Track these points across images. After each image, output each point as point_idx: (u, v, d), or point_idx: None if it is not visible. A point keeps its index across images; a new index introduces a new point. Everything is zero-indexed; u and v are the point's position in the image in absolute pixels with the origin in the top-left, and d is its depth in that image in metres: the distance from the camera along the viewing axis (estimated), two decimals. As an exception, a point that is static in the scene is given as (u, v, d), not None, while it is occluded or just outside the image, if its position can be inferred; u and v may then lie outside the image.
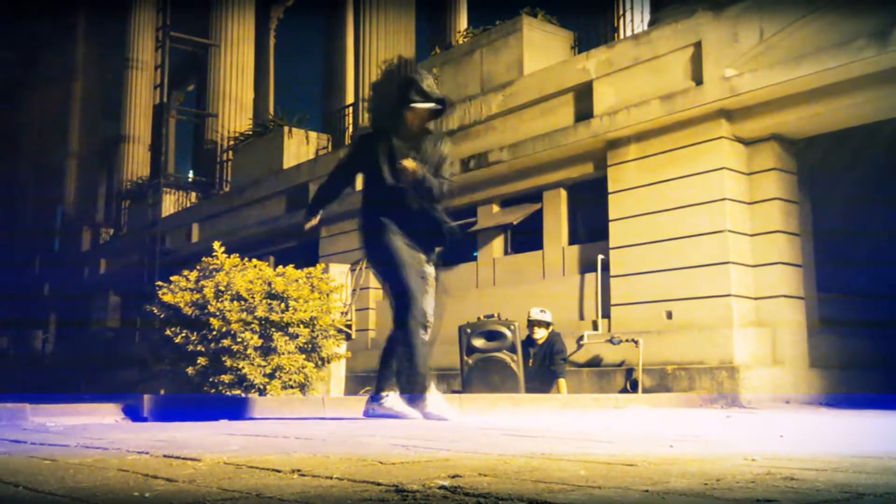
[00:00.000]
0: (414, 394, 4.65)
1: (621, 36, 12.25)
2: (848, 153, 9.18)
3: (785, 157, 8.74)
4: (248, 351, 6.37)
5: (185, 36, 20.53)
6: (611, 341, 8.94)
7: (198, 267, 6.94)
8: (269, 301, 6.58)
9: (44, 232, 28.94)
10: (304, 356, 6.74)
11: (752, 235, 8.58)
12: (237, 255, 7.02)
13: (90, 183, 27.60)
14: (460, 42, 12.77)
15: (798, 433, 3.86)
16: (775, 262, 8.46)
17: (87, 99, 27.53)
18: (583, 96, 9.96)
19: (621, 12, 12.85)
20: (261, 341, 6.42)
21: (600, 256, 9.55)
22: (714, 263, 8.43)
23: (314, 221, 5.10)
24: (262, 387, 6.39)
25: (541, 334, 8.64)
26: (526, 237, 10.99)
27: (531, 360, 8.49)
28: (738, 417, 5.62)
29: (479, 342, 8.34)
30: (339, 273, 9.74)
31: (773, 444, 3.10)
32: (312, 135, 16.60)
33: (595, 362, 9.33)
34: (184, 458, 2.31)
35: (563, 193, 10.53)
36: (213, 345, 6.37)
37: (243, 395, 6.21)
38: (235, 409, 5.47)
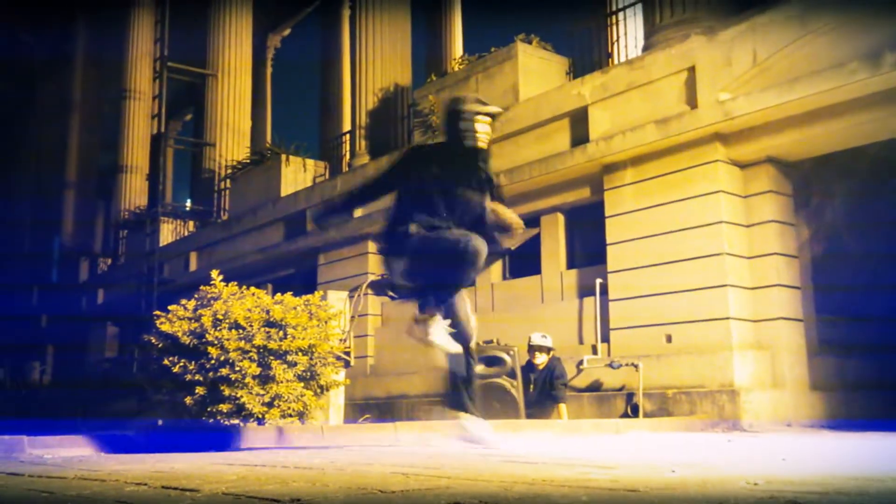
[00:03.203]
0: None
1: (615, 61, 12.34)
2: (844, 175, 9.22)
3: (781, 179, 8.77)
4: (247, 380, 6.34)
5: (183, 66, 20.65)
6: (610, 365, 8.91)
7: (196, 295, 6.92)
8: (267, 329, 6.56)
9: (41, 261, 28.91)
10: (302, 384, 6.71)
11: (749, 258, 8.59)
12: (235, 283, 7.00)
13: (88, 213, 27.64)
14: (456, 69, 12.85)
15: (800, 456, 3.83)
16: (773, 284, 8.46)
17: (84, 129, 27.64)
18: (578, 121, 10.01)
19: (615, 38, 12.95)
20: (259, 370, 6.39)
21: (598, 280, 9.55)
22: (712, 286, 8.43)
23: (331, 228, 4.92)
24: (260, 415, 6.35)
25: (541, 359, 8.62)
26: (524, 262, 10.98)
27: (532, 386, 8.46)
28: (740, 441, 5.59)
29: (478, 368, 8.29)
30: (337, 300, 9.71)
31: (776, 467, 3.08)
32: (310, 162, 16.65)
33: (595, 387, 9.29)
34: (182, 489, 2.29)
35: (561, 218, 10.55)
36: (211, 374, 6.34)
37: (242, 424, 6.17)
38: (234, 439, 5.44)
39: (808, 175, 8.97)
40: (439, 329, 4.37)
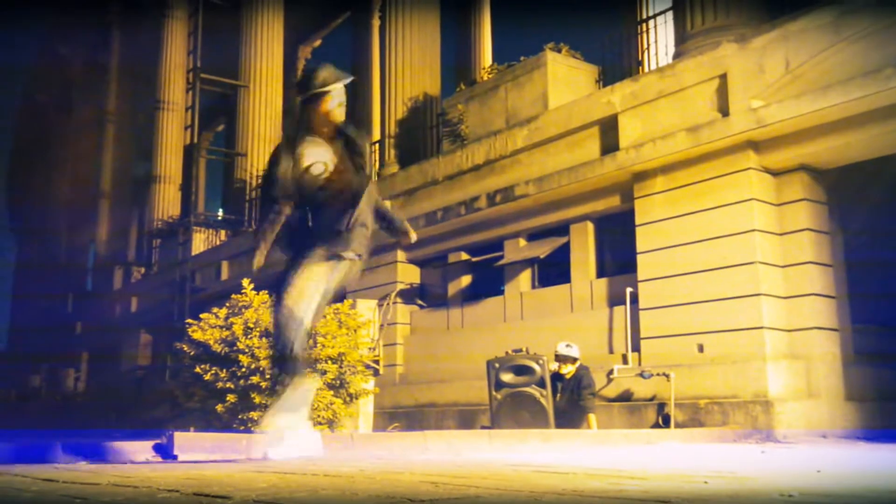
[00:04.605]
0: None
1: (646, 69, 12.29)
2: (879, 183, 9.08)
3: (814, 187, 8.66)
4: (277, 387, 6.37)
5: (215, 77, 20.90)
6: (641, 375, 8.84)
7: (227, 304, 6.98)
8: (297, 337, 6.58)
9: (76, 270, 29.37)
10: (332, 392, 6.74)
11: (783, 267, 8.48)
12: (266, 291, 7.06)
13: (122, 222, 28.04)
14: (485, 78, 12.87)
15: (836, 468, 3.77)
16: (808, 293, 8.35)
17: (119, 140, 28.06)
18: (608, 129, 9.98)
19: (646, 45, 12.90)
20: (289, 378, 6.41)
21: (629, 289, 9.48)
22: (745, 295, 8.34)
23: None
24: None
25: (568, 369, 8.57)
26: (553, 270, 10.95)
27: (559, 395, 8.42)
28: (774, 452, 5.52)
29: (507, 377, 8.29)
30: (366, 308, 9.76)
31: (811, 479, 3.03)
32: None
33: (626, 397, 9.22)
34: (213, 496, 2.30)
35: (590, 226, 10.50)
36: (242, 381, 6.39)
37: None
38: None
39: (841, 182, 8.84)
40: None
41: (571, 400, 8.44)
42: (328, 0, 23.28)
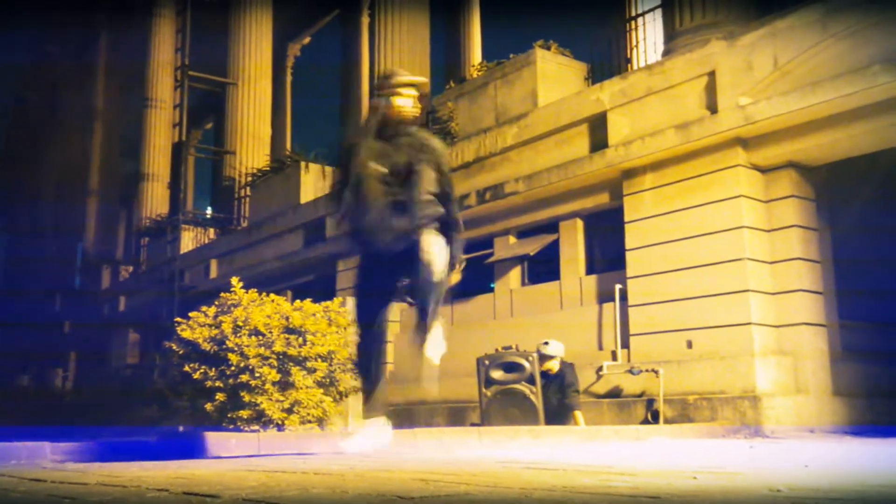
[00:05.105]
0: None
1: (635, 66, 12.30)
2: (867, 179, 9.13)
3: (803, 184, 8.70)
4: (266, 386, 6.36)
5: (204, 75, 20.83)
6: (630, 371, 8.86)
7: (216, 302, 6.95)
8: (286, 335, 6.58)
9: (64, 268, 29.21)
10: (322, 390, 6.72)
11: (771, 263, 8.52)
12: (255, 289, 7.03)
13: (110, 220, 27.91)
14: (475, 75, 12.86)
15: (823, 463, 3.79)
16: (796, 289, 8.39)
17: (106, 138, 27.93)
18: (597, 127, 9.99)
19: (635, 43, 12.92)
20: (279, 376, 6.41)
21: (618, 286, 9.51)
22: (734, 292, 8.37)
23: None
24: (280, 422, 6.36)
25: (550, 367, 8.55)
26: (543, 268, 10.96)
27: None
28: (762, 447, 5.54)
29: (497, 374, 8.28)
30: (356, 306, 9.69)
31: (799, 474, 3.05)
32: (329, 169, 16.68)
33: (615, 393, 9.24)
34: (203, 495, 2.30)
35: (580, 223, 10.52)
36: (231, 380, 6.36)
37: (262, 430, 6.19)
38: (253, 445, 5.45)
39: (830, 179, 8.89)
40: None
41: (557, 398, 8.44)
42: (317, -3, 23.23)
